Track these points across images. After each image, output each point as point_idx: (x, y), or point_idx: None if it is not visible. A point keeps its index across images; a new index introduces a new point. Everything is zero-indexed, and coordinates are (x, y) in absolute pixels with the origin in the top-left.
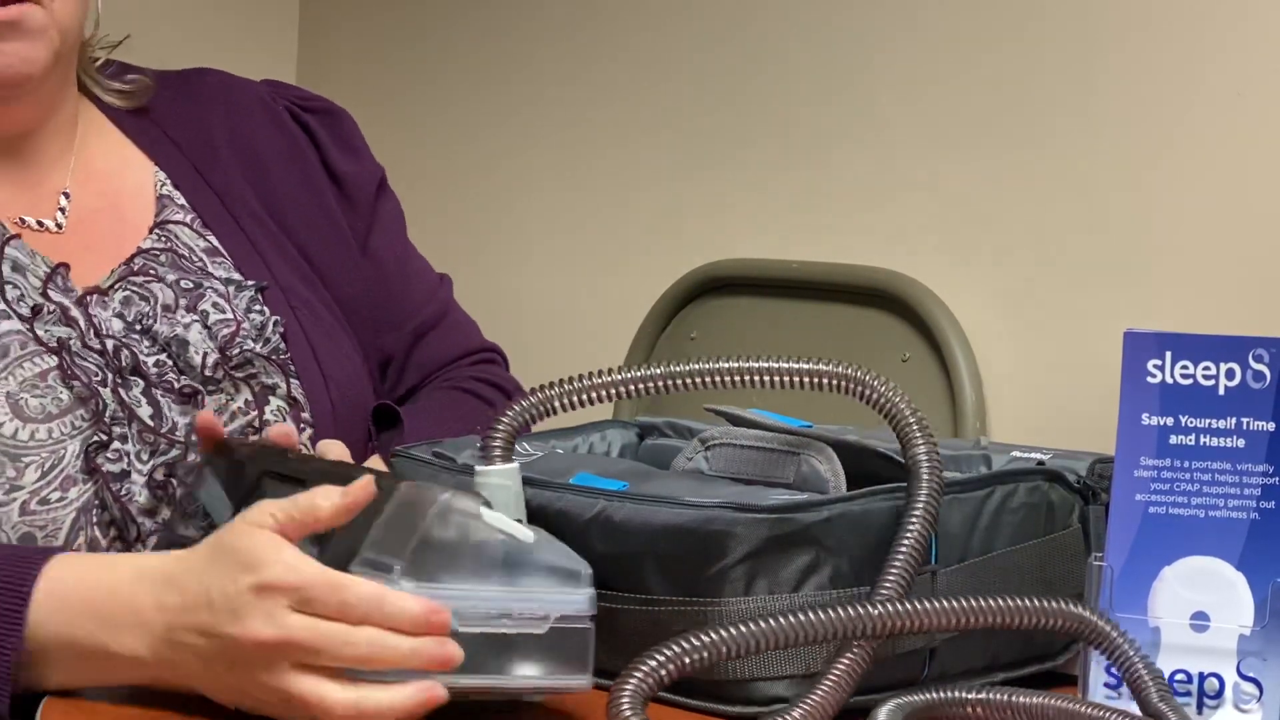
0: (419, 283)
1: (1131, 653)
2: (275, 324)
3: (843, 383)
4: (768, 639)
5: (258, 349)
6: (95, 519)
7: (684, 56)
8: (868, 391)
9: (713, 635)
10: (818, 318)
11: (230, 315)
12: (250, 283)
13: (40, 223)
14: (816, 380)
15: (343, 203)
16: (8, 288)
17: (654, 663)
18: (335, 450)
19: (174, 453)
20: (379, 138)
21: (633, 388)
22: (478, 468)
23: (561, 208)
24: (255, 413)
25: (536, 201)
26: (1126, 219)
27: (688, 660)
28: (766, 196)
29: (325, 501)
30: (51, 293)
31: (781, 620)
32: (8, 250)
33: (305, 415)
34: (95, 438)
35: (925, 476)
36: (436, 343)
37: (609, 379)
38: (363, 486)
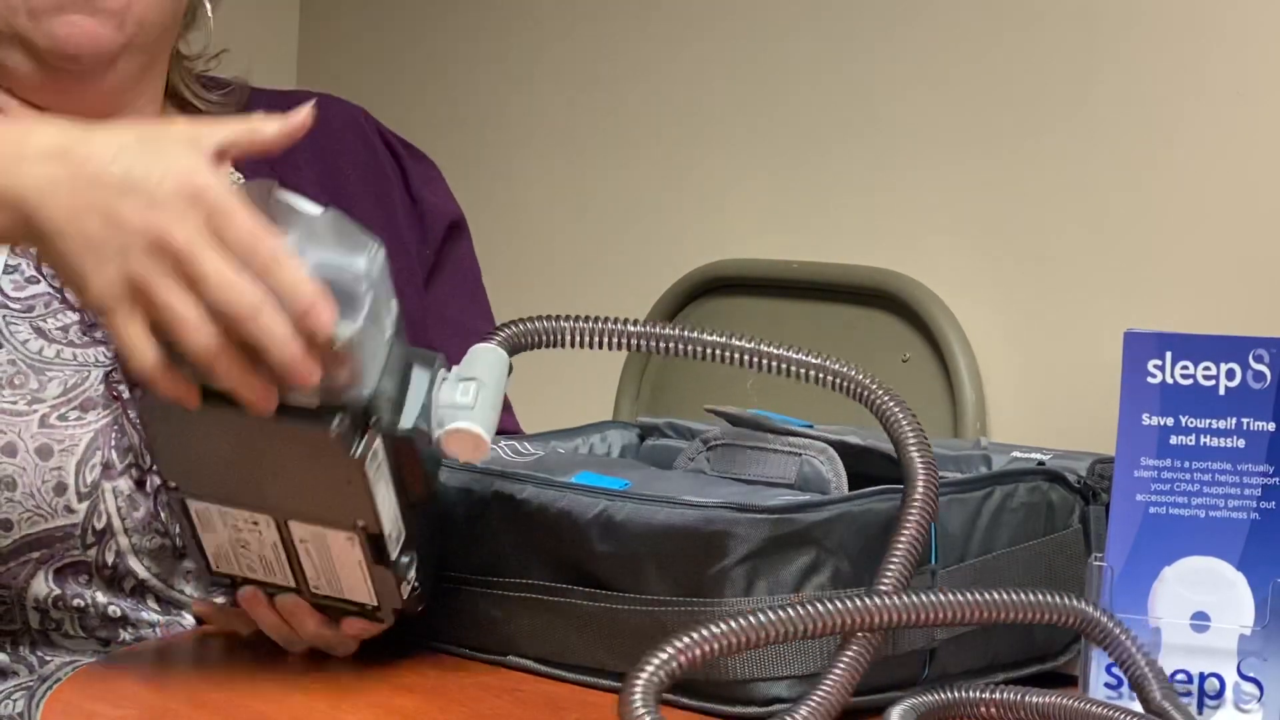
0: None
1: (1133, 649)
2: None
3: (838, 380)
4: (777, 629)
5: None
6: (114, 442)
7: (684, 56)
8: (861, 391)
9: (721, 626)
10: (818, 318)
11: None
12: None
13: None
14: (808, 373)
15: (415, 226)
16: (44, 266)
17: (663, 656)
18: None
19: None
20: None
21: (634, 341)
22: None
23: (561, 207)
24: None
25: (536, 201)
26: (1126, 219)
27: (698, 652)
28: (766, 196)
29: (269, 125)
30: None
31: (791, 611)
32: None
33: None
34: (117, 367)
35: (921, 478)
36: None
37: (616, 327)
38: (308, 110)
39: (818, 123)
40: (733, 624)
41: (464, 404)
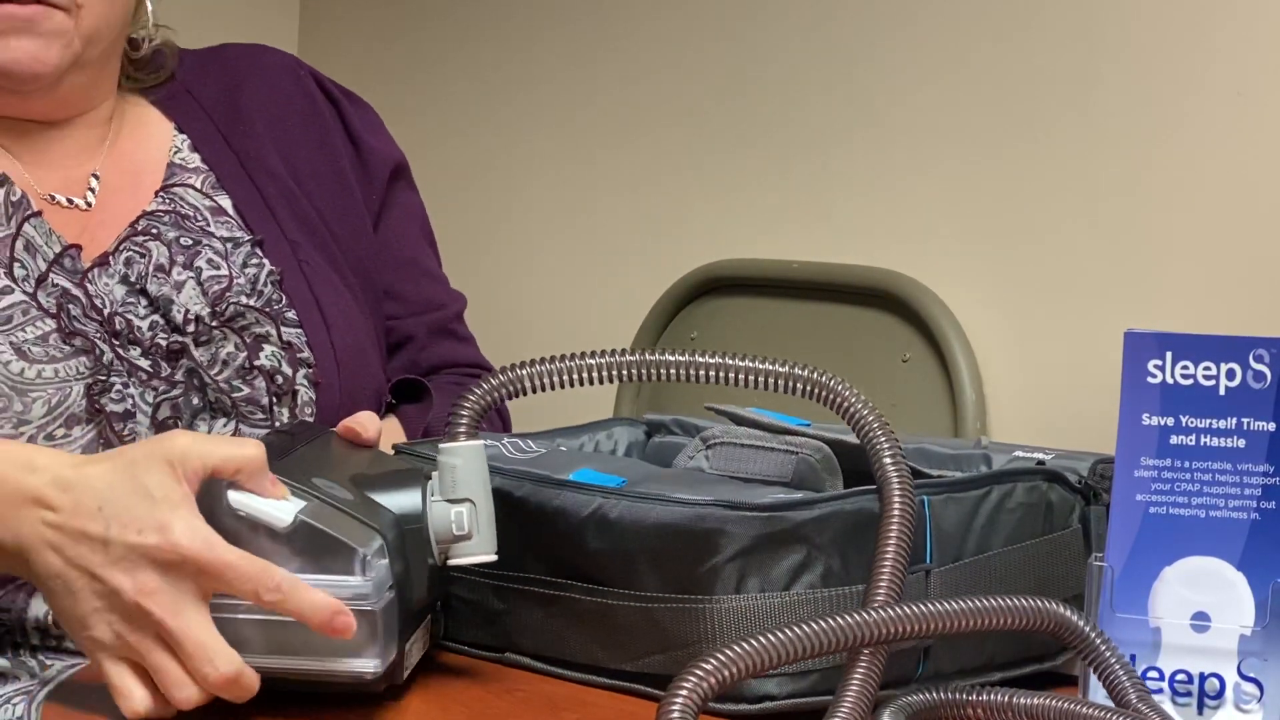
0: (431, 282)
1: (1107, 652)
2: (269, 275)
3: (803, 385)
4: (802, 645)
5: (250, 302)
6: None
7: (684, 56)
8: (828, 394)
9: (765, 640)
10: (818, 318)
11: (224, 271)
12: (246, 238)
13: (70, 200)
14: (774, 381)
15: (359, 169)
16: (16, 266)
17: (706, 668)
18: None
19: (176, 390)
20: None
21: (601, 373)
22: (441, 446)
23: (562, 207)
24: (245, 355)
25: (536, 201)
26: (1127, 219)
27: (738, 668)
28: (766, 196)
29: (248, 450)
30: (55, 275)
31: (833, 623)
32: (25, 228)
33: (302, 355)
34: (98, 379)
35: (895, 482)
36: (449, 344)
37: (579, 363)
38: (274, 483)
39: (818, 123)
40: (783, 635)
41: (462, 535)
